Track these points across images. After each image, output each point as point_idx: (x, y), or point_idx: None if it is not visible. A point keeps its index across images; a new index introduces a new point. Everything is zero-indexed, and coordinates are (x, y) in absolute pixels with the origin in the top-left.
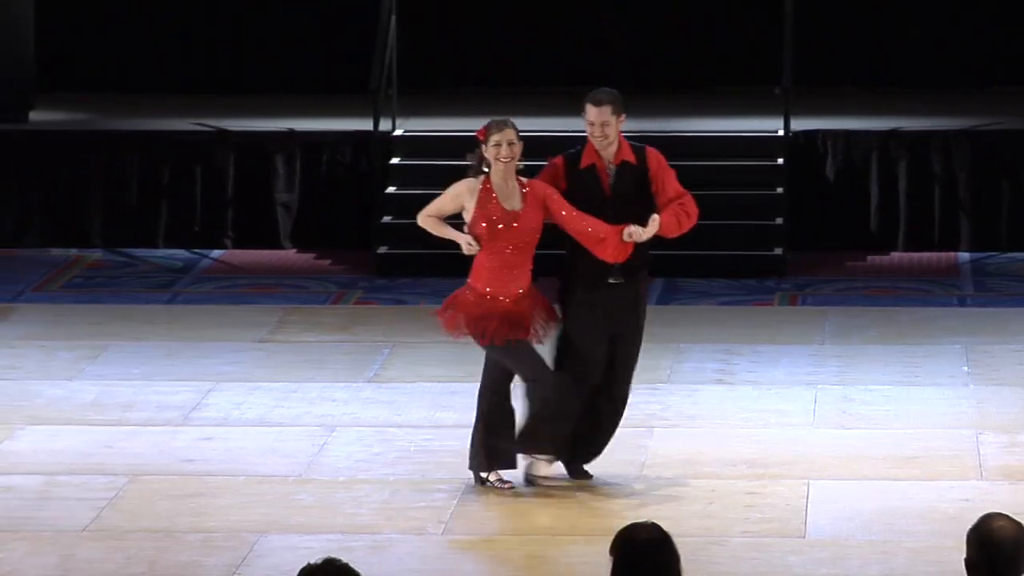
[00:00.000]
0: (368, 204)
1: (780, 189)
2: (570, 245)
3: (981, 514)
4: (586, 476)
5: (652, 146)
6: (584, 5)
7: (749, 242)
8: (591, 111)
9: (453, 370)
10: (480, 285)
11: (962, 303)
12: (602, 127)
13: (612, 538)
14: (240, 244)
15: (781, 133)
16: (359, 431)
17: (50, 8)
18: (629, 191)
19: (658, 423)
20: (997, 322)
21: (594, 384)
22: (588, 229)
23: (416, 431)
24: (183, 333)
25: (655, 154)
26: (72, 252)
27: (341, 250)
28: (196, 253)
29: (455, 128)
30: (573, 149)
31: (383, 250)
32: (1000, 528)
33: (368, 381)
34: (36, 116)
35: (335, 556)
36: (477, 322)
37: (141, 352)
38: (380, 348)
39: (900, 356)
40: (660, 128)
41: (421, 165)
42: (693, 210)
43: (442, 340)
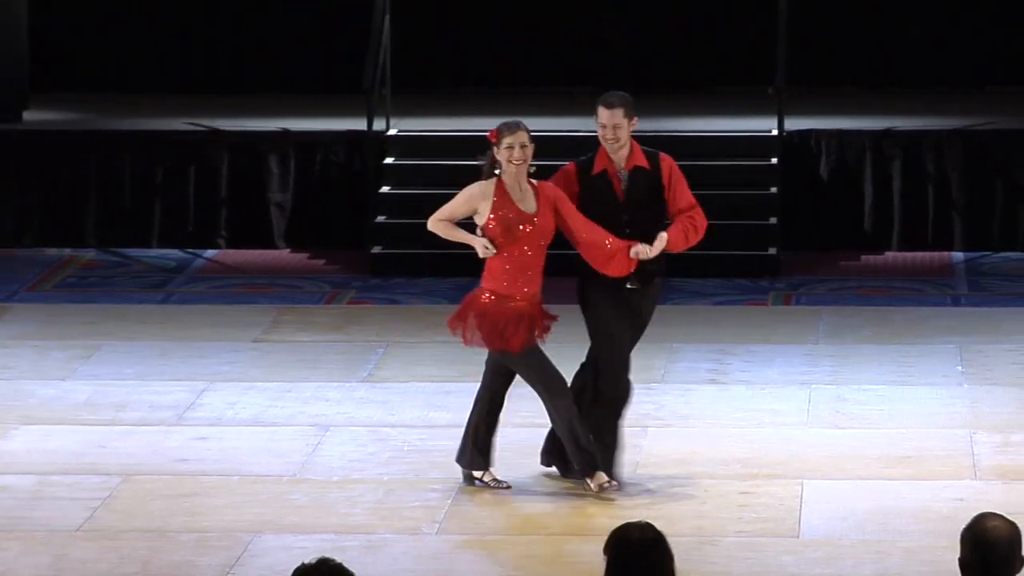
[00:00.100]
0: (362, 204)
1: (774, 189)
2: None
3: (975, 514)
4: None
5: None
6: (579, 5)
7: (743, 242)
8: (603, 113)
9: (447, 370)
10: (495, 287)
11: (956, 303)
12: (614, 129)
13: (606, 538)
14: (234, 244)
15: (775, 133)
16: (353, 431)
17: (44, 8)
18: (642, 196)
19: (652, 423)
20: (991, 322)
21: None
22: (598, 243)
23: (410, 431)
24: (177, 333)
25: (668, 160)
26: (66, 252)
27: (335, 250)
28: (190, 253)
29: (449, 128)
30: (585, 156)
31: (377, 250)
32: (994, 528)
33: (362, 381)
34: (30, 116)
35: (329, 556)
36: (501, 333)
37: (135, 352)
38: (374, 348)
39: (894, 356)
40: (654, 128)
41: (415, 165)
42: (702, 224)
43: (436, 340)
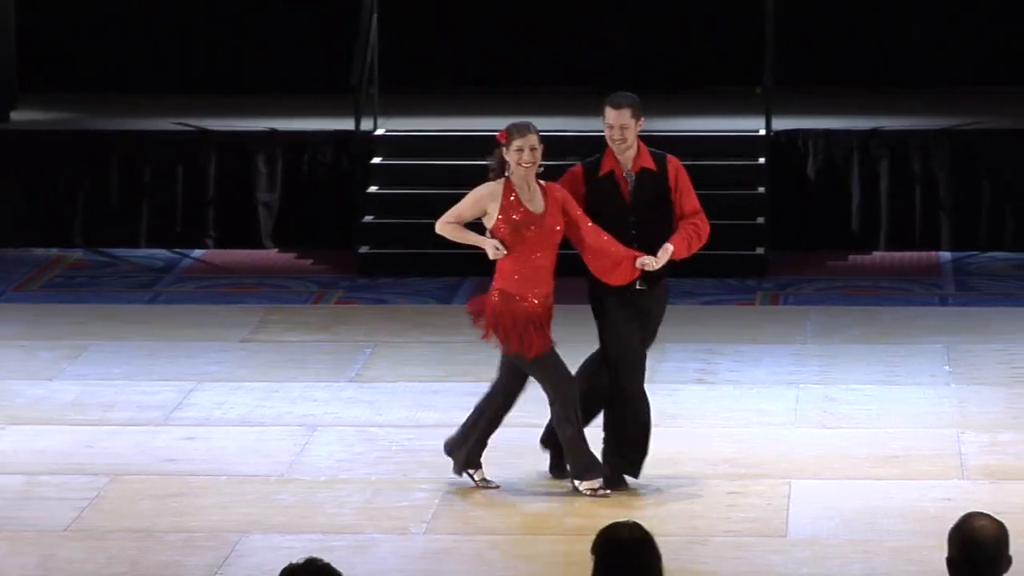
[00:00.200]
0: (349, 204)
1: (762, 189)
2: None
3: (962, 513)
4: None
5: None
6: (566, 5)
7: (731, 242)
8: (610, 114)
9: (435, 370)
10: (505, 286)
11: (943, 302)
12: (621, 130)
13: (594, 537)
14: (222, 244)
15: (763, 133)
16: (341, 431)
17: (32, 7)
18: (649, 198)
19: None
20: (978, 321)
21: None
22: (603, 250)
23: (398, 431)
24: (164, 333)
25: (675, 162)
26: (53, 252)
27: (322, 250)
28: (177, 253)
29: (436, 128)
30: (592, 157)
31: (364, 250)
32: (981, 527)
33: (350, 381)
34: (18, 116)
35: (317, 556)
36: (520, 337)
37: (122, 352)
38: (362, 348)
39: (881, 355)
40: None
41: (402, 165)
42: (705, 231)
43: (424, 340)
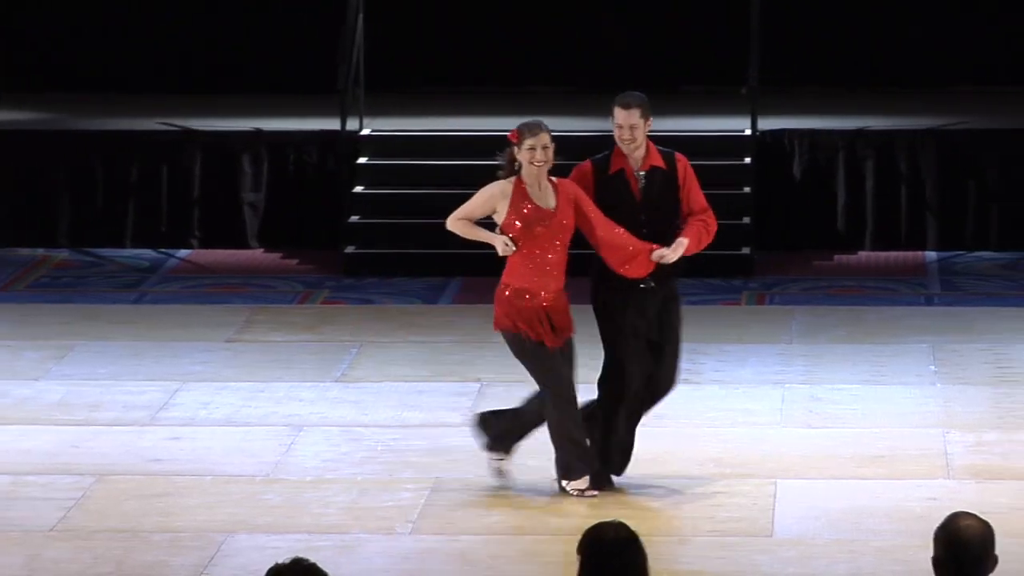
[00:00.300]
0: (335, 204)
1: (747, 189)
2: None
3: (948, 513)
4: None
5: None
6: (551, 5)
7: (716, 241)
8: (619, 114)
9: (420, 370)
10: (513, 280)
11: (929, 302)
12: (630, 130)
13: (580, 537)
14: (207, 244)
15: (748, 133)
16: (326, 431)
17: (13, 7)
18: (658, 197)
19: None
20: (964, 321)
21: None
22: (618, 244)
23: (383, 431)
24: (150, 333)
25: (684, 160)
26: (39, 252)
27: (308, 250)
28: (163, 253)
29: (422, 128)
30: (600, 154)
31: (350, 250)
32: (967, 527)
33: (335, 381)
34: (1, 116)
35: (303, 556)
36: (530, 323)
37: (108, 352)
38: (347, 348)
39: (867, 355)
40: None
41: (388, 165)
42: (713, 228)
43: (410, 340)
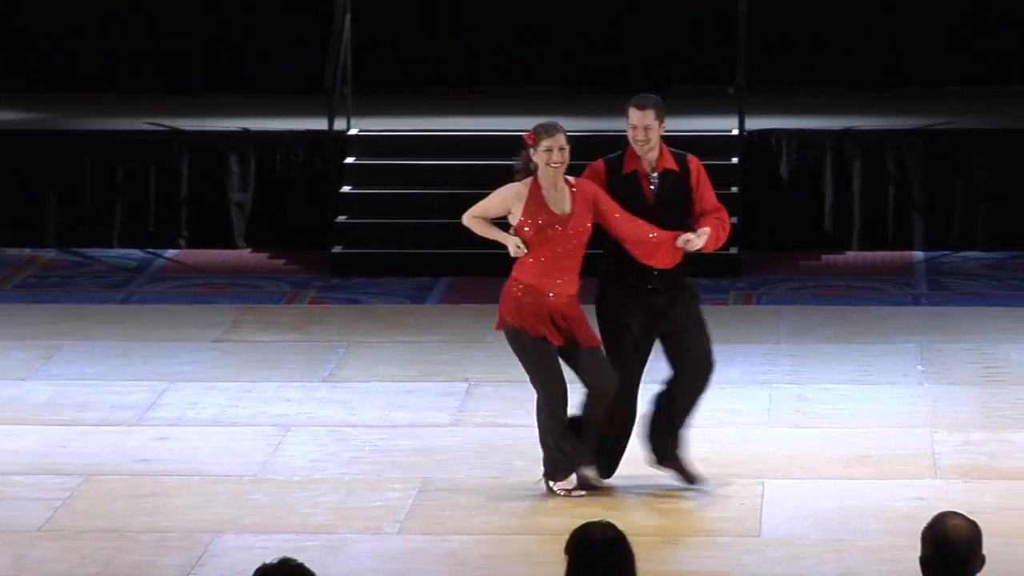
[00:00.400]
0: (322, 204)
1: (735, 188)
2: (609, 247)
3: (935, 513)
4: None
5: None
6: (538, 5)
7: None
8: (634, 114)
9: (408, 370)
10: (522, 276)
11: (916, 302)
12: (645, 131)
13: (567, 537)
14: (194, 244)
15: (736, 132)
16: (314, 431)
17: (1, 7)
18: (671, 199)
19: None
20: (951, 321)
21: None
22: (642, 237)
23: (371, 430)
24: (137, 333)
25: (696, 162)
26: (26, 252)
27: (296, 250)
28: (150, 253)
29: (410, 128)
30: (614, 154)
31: (337, 250)
32: (954, 527)
33: (323, 381)
34: None
35: (290, 556)
36: (534, 318)
37: (95, 352)
38: (335, 348)
39: (854, 355)
40: (614, 127)
41: (376, 165)
42: (728, 225)
43: (397, 340)
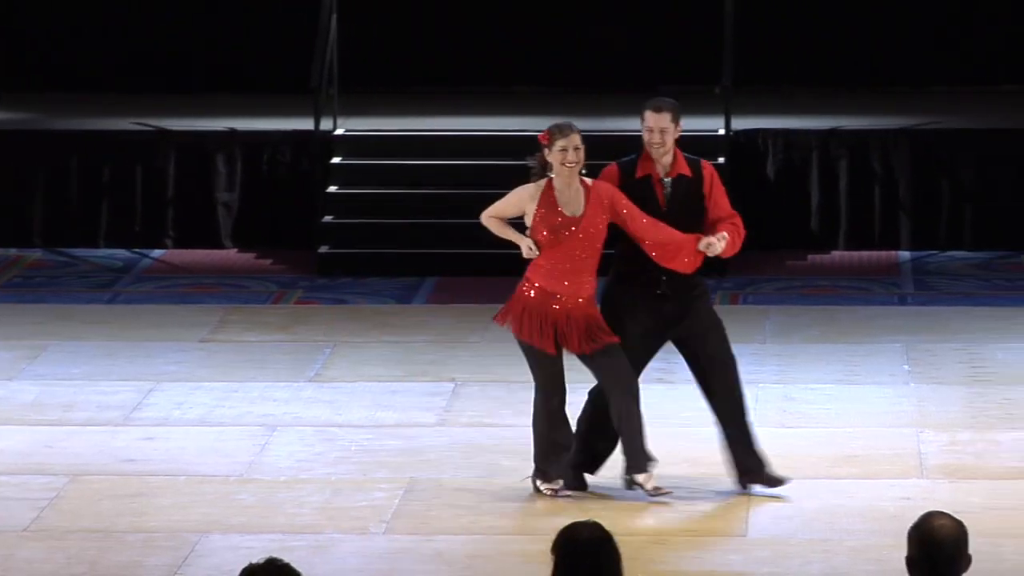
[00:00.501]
0: (309, 204)
1: None
2: (621, 248)
3: (922, 512)
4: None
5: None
6: (524, 5)
7: None
8: (650, 117)
9: (394, 369)
10: (540, 281)
11: (902, 302)
12: (661, 133)
13: (554, 537)
14: (181, 244)
15: (722, 132)
16: (300, 431)
17: None
18: (684, 205)
19: None
20: (937, 321)
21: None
22: (662, 241)
23: (357, 430)
24: (124, 333)
25: (710, 168)
26: (12, 252)
27: (282, 250)
28: (137, 253)
29: (396, 128)
30: (627, 158)
31: (324, 250)
32: (941, 527)
33: (309, 381)
34: None
35: (276, 556)
36: (538, 326)
37: (82, 352)
38: (321, 348)
39: (841, 355)
40: (600, 127)
41: (362, 165)
42: (743, 231)
43: (383, 340)
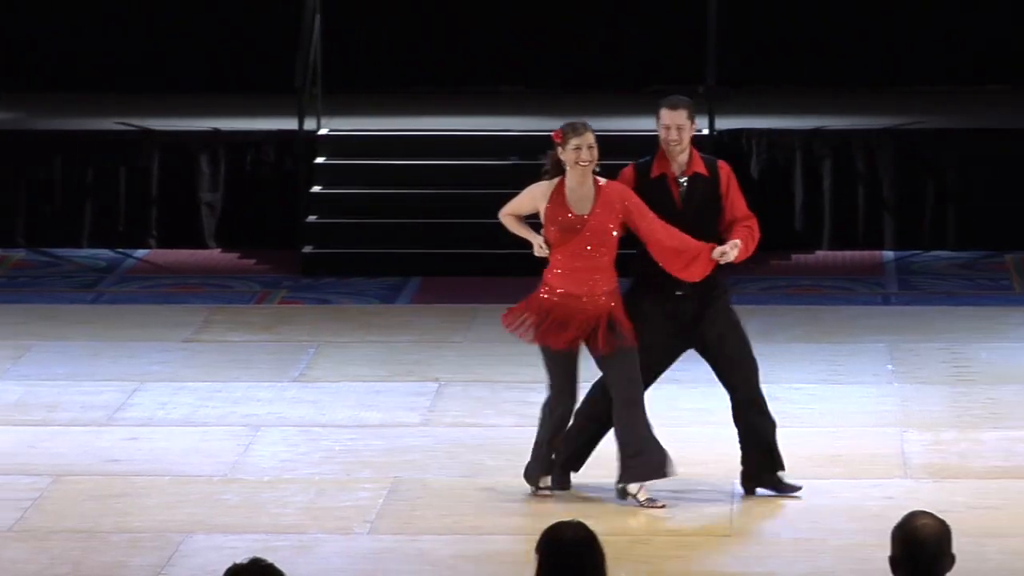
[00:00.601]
0: (293, 204)
1: None
2: (642, 250)
3: (905, 512)
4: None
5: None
6: (507, 5)
7: None
8: (666, 114)
9: (378, 369)
10: (554, 282)
11: (886, 302)
12: (677, 131)
13: (538, 537)
14: (164, 244)
15: (706, 132)
16: (284, 431)
17: None
18: (700, 204)
19: None
20: (921, 320)
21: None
22: (675, 247)
23: (341, 430)
24: (108, 333)
25: (726, 167)
26: None
27: (266, 250)
28: (120, 253)
29: (380, 128)
30: (643, 159)
31: (308, 250)
32: (924, 526)
33: (293, 381)
34: None
35: (261, 556)
36: (538, 318)
37: (65, 352)
38: (305, 348)
39: (825, 355)
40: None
41: (346, 165)
42: (758, 234)
43: (367, 340)
